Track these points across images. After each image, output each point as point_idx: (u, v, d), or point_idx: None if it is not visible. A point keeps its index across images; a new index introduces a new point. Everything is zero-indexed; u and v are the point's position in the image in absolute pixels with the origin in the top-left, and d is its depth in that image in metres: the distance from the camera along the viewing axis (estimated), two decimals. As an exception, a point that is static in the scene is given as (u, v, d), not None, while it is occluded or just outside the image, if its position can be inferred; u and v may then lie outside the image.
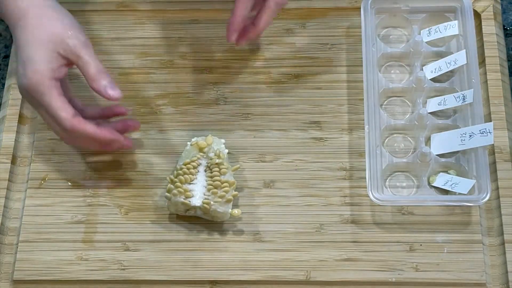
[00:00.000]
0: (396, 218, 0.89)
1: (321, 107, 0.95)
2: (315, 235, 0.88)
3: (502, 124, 0.93)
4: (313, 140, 0.94)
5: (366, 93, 0.91)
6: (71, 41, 0.83)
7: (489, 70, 0.96)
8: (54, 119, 0.83)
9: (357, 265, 0.87)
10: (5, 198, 0.91)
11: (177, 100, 0.96)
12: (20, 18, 0.83)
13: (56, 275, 0.87)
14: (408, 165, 0.91)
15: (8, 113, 0.96)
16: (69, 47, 0.82)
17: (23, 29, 0.82)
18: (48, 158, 0.94)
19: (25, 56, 0.82)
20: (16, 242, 0.89)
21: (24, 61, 0.82)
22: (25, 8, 0.83)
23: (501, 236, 0.88)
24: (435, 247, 0.87)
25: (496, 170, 0.91)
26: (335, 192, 0.90)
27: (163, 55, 1.00)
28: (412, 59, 0.96)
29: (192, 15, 1.02)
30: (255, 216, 0.89)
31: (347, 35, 1.00)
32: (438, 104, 0.92)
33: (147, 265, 0.87)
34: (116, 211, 0.90)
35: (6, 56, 1.05)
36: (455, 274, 0.86)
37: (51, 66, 0.82)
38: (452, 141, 0.89)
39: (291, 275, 0.86)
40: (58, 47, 0.82)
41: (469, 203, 0.87)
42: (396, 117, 0.94)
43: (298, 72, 0.97)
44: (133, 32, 1.01)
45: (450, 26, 0.95)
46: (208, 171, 0.87)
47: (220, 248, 0.88)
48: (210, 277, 0.87)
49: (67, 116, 0.82)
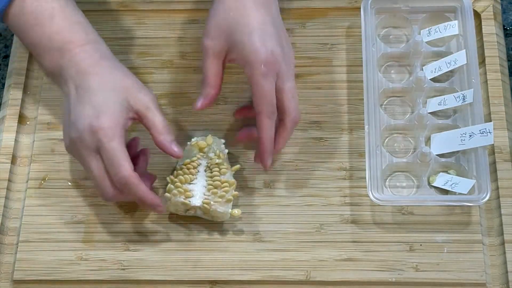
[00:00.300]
0: (396, 218, 0.89)
1: (321, 107, 0.95)
2: (315, 235, 0.88)
3: (502, 124, 0.93)
4: (313, 140, 0.94)
5: (366, 93, 0.91)
6: (142, 95, 0.84)
7: (489, 70, 0.96)
8: (112, 168, 0.81)
9: (357, 265, 0.87)
10: (5, 198, 0.91)
11: (177, 100, 0.96)
12: (93, 65, 0.83)
13: (56, 275, 0.87)
14: (408, 165, 0.91)
15: (8, 113, 0.96)
16: (140, 100, 0.83)
17: (97, 76, 0.83)
18: (48, 158, 0.94)
19: (99, 100, 0.82)
20: (16, 242, 0.89)
21: (98, 105, 0.81)
22: (99, 58, 0.84)
23: (501, 236, 0.88)
24: (435, 247, 0.87)
25: (496, 170, 0.91)
26: (335, 192, 0.90)
27: (163, 55, 1.00)
28: (412, 59, 0.96)
29: (192, 15, 1.02)
30: (255, 216, 0.90)
31: (347, 35, 1.00)
32: (438, 104, 0.92)
33: (147, 265, 0.87)
34: (116, 211, 0.90)
35: (6, 56, 1.05)
36: (455, 274, 0.86)
37: (124, 116, 0.83)
38: (452, 141, 0.89)
39: (291, 275, 0.86)
40: (130, 99, 0.83)
41: (469, 203, 0.87)
42: (396, 117, 0.94)
43: (298, 72, 0.97)
44: (133, 32, 1.01)
45: (450, 26, 0.95)
46: (208, 171, 0.87)
47: (220, 248, 0.88)
48: (210, 277, 0.87)
49: (128, 170, 0.81)
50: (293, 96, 0.85)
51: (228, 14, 0.84)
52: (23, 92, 0.97)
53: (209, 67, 0.86)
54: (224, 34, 0.85)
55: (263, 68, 0.82)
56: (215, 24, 0.85)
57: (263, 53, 0.82)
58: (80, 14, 0.87)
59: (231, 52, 0.85)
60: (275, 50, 0.83)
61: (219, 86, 0.87)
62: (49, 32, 0.84)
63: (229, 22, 0.84)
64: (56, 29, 0.84)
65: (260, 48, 0.83)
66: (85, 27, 0.86)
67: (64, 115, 0.85)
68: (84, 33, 0.85)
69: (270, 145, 0.86)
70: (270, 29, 0.84)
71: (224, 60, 0.87)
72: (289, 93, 0.85)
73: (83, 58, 0.83)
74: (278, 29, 0.86)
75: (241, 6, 0.84)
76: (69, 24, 0.85)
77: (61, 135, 0.94)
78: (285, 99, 0.85)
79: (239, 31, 0.84)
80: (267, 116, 0.84)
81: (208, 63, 0.86)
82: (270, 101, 0.84)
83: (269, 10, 0.86)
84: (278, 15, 0.88)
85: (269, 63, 0.83)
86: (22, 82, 0.98)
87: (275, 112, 0.85)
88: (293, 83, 0.86)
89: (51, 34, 0.84)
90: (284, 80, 0.85)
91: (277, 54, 0.83)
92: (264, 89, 0.83)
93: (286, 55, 0.85)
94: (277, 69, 0.84)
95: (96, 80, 0.83)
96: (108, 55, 0.86)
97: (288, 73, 0.85)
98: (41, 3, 0.85)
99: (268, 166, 0.87)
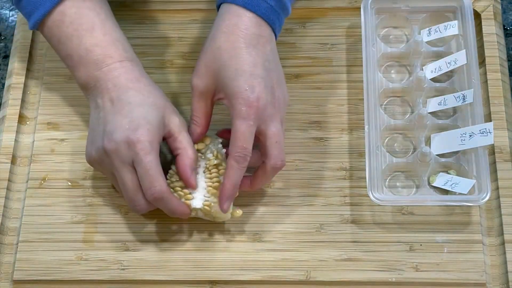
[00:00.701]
0: (396, 218, 0.89)
1: (321, 107, 0.95)
2: (315, 235, 0.88)
3: (502, 124, 0.93)
4: (313, 140, 0.94)
5: (366, 93, 0.91)
6: (176, 116, 0.85)
7: (489, 70, 0.96)
8: (146, 182, 0.81)
9: (357, 265, 0.87)
10: (5, 198, 0.91)
11: (177, 100, 0.96)
12: (132, 81, 0.84)
13: (56, 275, 0.87)
14: (408, 165, 0.91)
15: (8, 113, 0.96)
16: (175, 120, 0.85)
17: (136, 91, 0.84)
18: (48, 158, 0.94)
19: (138, 114, 0.82)
20: (16, 242, 0.89)
21: (137, 118, 0.82)
22: (138, 75, 0.85)
23: (501, 236, 0.88)
24: (435, 247, 0.87)
25: (496, 170, 0.91)
26: (335, 192, 0.90)
27: (163, 55, 1.00)
28: (412, 59, 0.96)
29: (192, 15, 1.02)
30: (255, 216, 0.90)
31: (347, 35, 1.00)
32: (438, 104, 0.92)
33: (147, 265, 0.87)
34: (116, 211, 0.90)
35: (6, 56, 1.05)
36: (455, 274, 0.86)
37: (160, 132, 0.83)
38: (452, 141, 0.89)
39: (291, 275, 0.86)
40: (166, 117, 0.84)
41: (469, 203, 0.87)
42: (396, 117, 0.94)
43: (298, 72, 0.97)
44: (133, 32, 1.01)
45: (450, 26, 0.95)
46: (207, 172, 0.87)
47: (220, 248, 0.88)
48: (210, 277, 0.87)
49: (163, 185, 0.81)
50: (277, 142, 0.84)
51: (218, 54, 0.83)
52: (23, 92, 0.97)
53: (196, 106, 0.86)
54: (213, 74, 0.84)
55: (244, 111, 0.81)
56: (205, 64, 0.85)
57: (245, 97, 0.81)
58: (119, 31, 0.88)
59: (218, 92, 0.85)
60: (261, 94, 0.82)
61: (206, 125, 0.87)
62: (88, 44, 0.85)
63: (218, 62, 0.83)
64: (95, 42, 0.85)
65: (243, 92, 0.82)
66: (124, 44, 0.87)
67: (94, 127, 0.84)
68: (123, 50, 0.86)
69: (231, 190, 0.83)
70: (260, 71, 0.83)
71: (213, 99, 0.86)
72: (272, 138, 0.83)
73: (122, 73, 0.84)
74: (270, 71, 0.84)
75: (232, 47, 0.83)
76: (109, 39, 0.85)
77: (61, 135, 0.94)
78: (268, 144, 0.84)
79: (227, 73, 0.83)
80: (235, 159, 0.82)
81: (195, 101, 0.86)
82: (241, 145, 0.82)
83: (261, 51, 0.84)
84: (274, 55, 0.86)
85: (251, 107, 0.81)
86: (22, 82, 0.98)
87: (246, 156, 0.82)
88: (278, 127, 0.84)
89: (90, 47, 0.84)
90: (268, 125, 0.83)
91: (262, 98, 0.82)
92: (237, 132, 0.82)
93: (276, 98, 0.84)
94: (260, 114, 0.82)
95: (135, 95, 0.83)
96: (145, 74, 0.87)
97: (274, 117, 0.83)
98: (82, 15, 0.85)
99: (226, 210, 0.84)
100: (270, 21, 0.86)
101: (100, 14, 0.86)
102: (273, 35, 0.87)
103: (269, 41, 0.86)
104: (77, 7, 0.85)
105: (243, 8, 0.85)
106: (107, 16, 0.87)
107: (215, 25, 0.86)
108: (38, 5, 0.85)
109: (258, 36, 0.85)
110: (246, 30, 0.84)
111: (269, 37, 0.86)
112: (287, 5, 0.87)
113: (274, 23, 0.87)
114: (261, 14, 0.85)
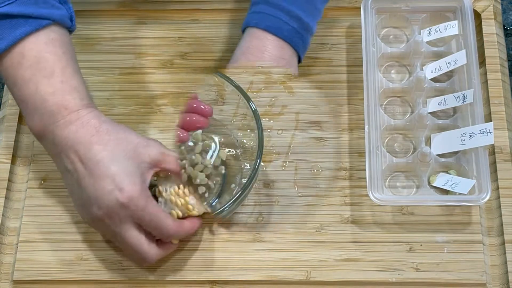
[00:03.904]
0: (396, 218, 0.89)
1: (321, 107, 0.95)
2: (315, 235, 0.88)
3: (502, 124, 0.93)
4: (313, 140, 0.94)
5: (366, 93, 0.91)
6: (151, 148, 0.81)
7: (489, 70, 0.96)
8: (156, 230, 0.81)
9: (357, 265, 0.87)
10: (5, 198, 0.91)
11: (177, 100, 0.96)
12: (92, 134, 0.79)
13: (56, 275, 0.87)
14: (408, 165, 0.91)
15: (8, 113, 0.96)
16: (152, 151, 0.81)
17: (103, 146, 0.79)
18: (48, 158, 0.93)
19: (116, 170, 0.78)
20: (16, 242, 0.89)
21: (117, 175, 0.78)
22: (96, 125, 0.80)
23: (501, 236, 0.88)
24: (435, 247, 0.87)
25: (496, 170, 0.91)
26: (335, 192, 0.90)
27: (163, 55, 1.00)
28: (412, 59, 0.96)
29: (192, 15, 1.02)
30: (255, 216, 0.89)
31: (347, 35, 1.00)
32: (438, 104, 0.92)
33: (147, 265, 0.87)
34: (116, 211, 0.90)
35: (6, 56, 1.05)
36: (455, 274, 0.86)
37: (144, 178, 0.80)
38: (452, 141, 0.89)
39: (291, 275, 0.86)
40: (144, 157, 0.80)
41: (469, 203, 0.87)
42: (396, 117, 0.94)
43: (298, 72, 0.97)
44: (133, 32, 1.01)
45: (450, 26, 0.95)
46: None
47: (220, 248, 0.88)
48: (210, 277, 0.87)
49: (173, 227, 0.81)
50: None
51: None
52: (23, 92, 0.97)
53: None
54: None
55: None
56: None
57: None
58: (78, 76, 0.82)
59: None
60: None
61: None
62: (43, 93, 0.79)
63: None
64: (51, 91, 0.79)
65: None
66: (81, 91, 0.81)
67: (74, 191, 0.81)
68: (79, 98, 0.80)
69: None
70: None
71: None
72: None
73: (79, 127, 0.79)
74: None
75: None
76: (66, 87, 0.80)
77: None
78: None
79: None
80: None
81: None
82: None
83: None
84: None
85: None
86: (22, 82, 0.98)
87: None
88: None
89: (46, 95, 0.79)
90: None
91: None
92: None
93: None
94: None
95: (101, 150, 0.78)
96: (102, 117, 0.81)
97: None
98: (41, 60, 0.79)
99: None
100: (293, 43, 0.90)
101: (62, 60, 0.80)
102: (295, 56, 0.92)
103: (289, 63, 0.90)
104: (37, 50, 0.79)
105: (265, 31, 0.89)
106: (68, 62, 0.81)
107: (238, 47, 0.90)
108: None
109: (279, 58, 0.90)
110: (267, 52, 0.89)
111: (290, 59, 0.91)
112: (311, 24, 0.89)
113: (298, 45, 0.91)
114: (283, 37, 0.89)
